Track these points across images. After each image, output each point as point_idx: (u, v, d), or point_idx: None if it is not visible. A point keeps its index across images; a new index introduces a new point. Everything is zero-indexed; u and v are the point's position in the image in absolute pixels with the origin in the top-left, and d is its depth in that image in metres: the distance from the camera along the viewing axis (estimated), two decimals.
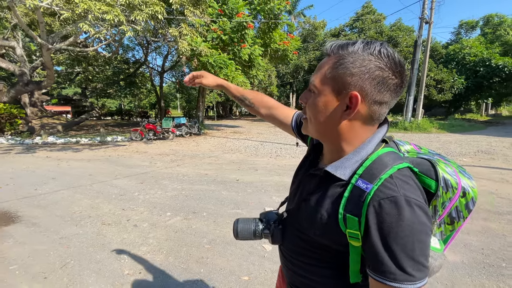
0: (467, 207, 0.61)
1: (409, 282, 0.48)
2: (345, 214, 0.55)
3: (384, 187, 0.52)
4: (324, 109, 0.58)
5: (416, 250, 0.49)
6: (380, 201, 0.51)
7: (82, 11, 6.07)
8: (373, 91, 0.55)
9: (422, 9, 14.04)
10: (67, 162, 7.15)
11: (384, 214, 0.50)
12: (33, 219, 3.41)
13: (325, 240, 0.60)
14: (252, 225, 0.78)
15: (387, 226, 0.50)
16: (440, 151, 8.00)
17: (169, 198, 4.20)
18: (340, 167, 0.59)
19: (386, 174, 0.53)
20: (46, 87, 12.43)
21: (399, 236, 0.49)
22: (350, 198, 0.55)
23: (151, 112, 34.01)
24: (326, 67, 0.58)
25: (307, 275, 0.67)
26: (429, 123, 15.34)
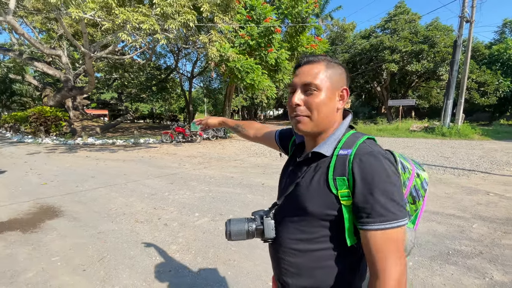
0: (423, 186, 0.77)
1: (396, 220, 0.60)
2: (335, 177, 0.67)
3: (361, 148, 0.67)
4: (327, 102, 0.71)
5: (394, 194, 0.61)
6: (360, 156, 0.65)
7: (121, 21, 6.52)
8: (347, 85, 0.74)
9: (462, 7, 13.11)
10: (104, 162, 7.65)
11: (365, 164, 0.63)
12: (74, 214, 3.68)
13: (321, 208, 0.68)
14: (245, 225, 0.79)
15: (370, 174, 0.62)
16: (484, 160, 7.34)
17: (197, 199, 4.30)
18: (323, 146, 0.72)
19: (360, 141, 0.69)
20: (87, 92, 13.47)
21: (380, 181, 0.61)
22: (336, 165, 0.68)
23: (180, 116, 35.34)
24: (320, 71, 0.71)
25: (307, 256, 0.73)
26: (471, 129, 14.15)
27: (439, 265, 2.34)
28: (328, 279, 0.71)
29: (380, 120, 21.82)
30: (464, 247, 2.64)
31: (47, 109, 13.75)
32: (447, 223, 3.24)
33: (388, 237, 0.60)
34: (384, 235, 0.60)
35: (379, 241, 0.60)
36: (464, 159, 7.55)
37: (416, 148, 9.67)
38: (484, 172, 5.91)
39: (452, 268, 2.28)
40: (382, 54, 21.14)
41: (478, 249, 2.59)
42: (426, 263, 2.37)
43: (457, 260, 2.41)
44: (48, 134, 13.78)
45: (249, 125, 1.22)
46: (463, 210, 3.64)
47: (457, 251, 2.56)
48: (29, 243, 2.88)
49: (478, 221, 3.26)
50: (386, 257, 0.59)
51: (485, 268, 2.27)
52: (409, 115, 27.47)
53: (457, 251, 2.56)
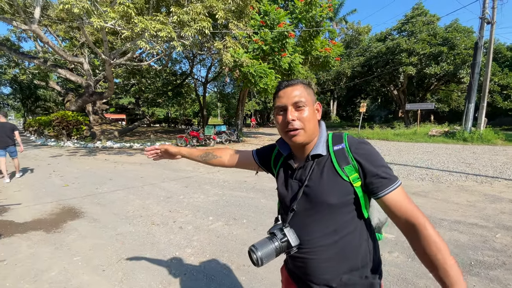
0: None
1: (397, 180, 0.79)
2: (342, 168, 0.82)
3: (350, 140, 0.86)
4: (313, 115, 0.88)
5: (385, 163, 0.82)
6: (355, 146, 0.84)
7: (140, 30, 6.78)
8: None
9: (482, 9, 12.65)
10: (122, 165, 7.89)
11: (361, 151, 0.82)
12: (94, 215, 3.82)
13: (341, 196, 0.81)
14: (271, 245, 0.81)
15: (369, 156, 0.81)
16: (508, 167, 6.99)
17: (211, 202, 4.35)
18: (317, 148, 0.87)
19: (344, 136, 0.88)
20: (107, 98, 13.98)
21: (376, 158, 0.81)
22: (338, 158, 0.83)
23: (194, 120, 35.94)
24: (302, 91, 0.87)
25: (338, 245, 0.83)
26: (494, 133, 13.50)
27: None
28: (359, 254, 0.83)
29: (397, 124, 21.24)
30: (487, 258, 2.52)
31: (69, 113, 14.38)
32: (469, 232, 3.10)
33: (402, 192, 0.78)
34: (399, 192, 0.78)
35: (399, 198, 0.77)
36: (487, 165, 7.22)
37: (436, 154, 9.34)
38: (509, 180, 5.62)
39: (474, 280, 2.19)
40: (399, 57, 20.68)
41: (501, 260, 2.46)
42: None
43: (480, 271, 2.31)
44: (70, 137, 14.39)
45: (222, 152, 1.23)
46: (486, 219, 3.48)
47: (480, 262, 2.45)
48: (52, 243, 3.01)
49: (501, 230, 3.11)
50: (412, 209, 0.75)
51: (508, 279, 2.15)
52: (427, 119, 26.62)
53: (479, 262, 2.45)
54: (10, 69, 19.66)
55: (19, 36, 16.20)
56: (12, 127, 6.13)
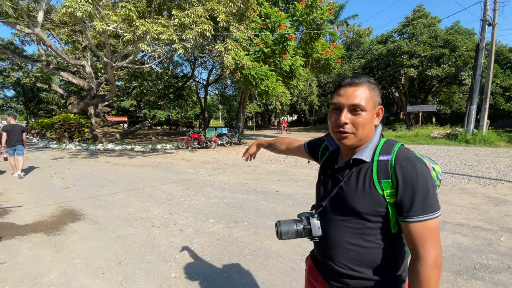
0: (438, 177, 0.91)
1: (432, 213, 0.74)
2: (380, 181, 0.79)
3: (399, 154, 0.80)
4: (370, 120, 0.84)
5: (430, 191, 0.75)
6: (400, 162, 0.78)
7: (142, 32, 6.81)
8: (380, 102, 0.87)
9: (484, 10, 12.65)
10: (123, 167, 7.90)
11: (406, 169, 0.76)
12: (95, 218, 3.81)
13: (372, 207, 0.80)
14: (293, 225, 0.90)
15: (410, 177, 0.75)
16: (511, 169, 6.94)
17: (211, 205, 4.33)
18: (363, 153, 0.84)
19: (396, 147, 0.83)
20: (108, 100, 14.06)
21: (418, 182, 0.75)
22: (379, 170, 0.80)
23: (196, 122, 36.01)
24: (365, 93, 0.82)
25: (359, 248, 0.83)
26: (496, 135, 13.42)
27: (464, 280, 2.21)
28: (376, 265, 0.83)
29: (398, 126, 21.17)
30: (491, 261, 2.48)
31: (71, 116, 14.45)
32: (473, 235, 3.07)
33: (427, 226, 0.74)
34: (424, 225, 0.74)
35: (420, 231, 0.74)
36: (490, 167, 7.17)
37: (438, 156, 9.29)
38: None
39: (478, 284, 2.15)
40: (400, 59, 20.65)
41: (506, 264, 2.43)
42: (451, 278, 2.25)
43: (484, 275, 2.27)
44: (72, 140, 14.44)
45: (281, 141, 1.37)
46: (490, 222, 3.44)
47: (484, 266, 2.42)
48: (52, 245, 3.00)
49: (506, 233, 3.07)
50: (426, 243, 0.73)
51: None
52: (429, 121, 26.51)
53: (483, 266, 2.42)
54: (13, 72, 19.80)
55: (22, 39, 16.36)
56: (22, 129, 6.84)
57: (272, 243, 2.98)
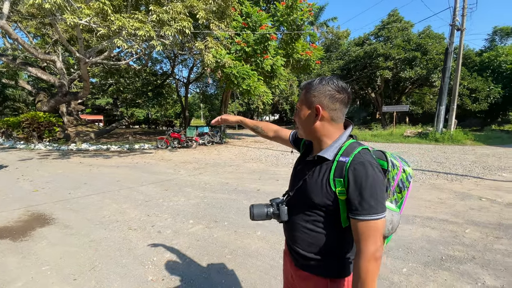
0: (407, 179, 0.99)
1: (374, 213, 0.82)
2: (335, 178, 0.88)
3: (355, 157, 0.87)
4: (307, 118, 0.96)
5: (378, 194, 0.84)
6: (354, 165, 0.85)
7: (117, 28, 6.53)
8: (328, 103, 0.93)
9: (453, 16, 13.45)
10: (98, 168, 7.56)
11: (357, 172, 0.84)
12: (66, 222, 3.62)
13: (324, 200, 0.90)
14: (264, 209, 1.04)
15: (359, 179, 0.83)
16: (476, 165, 7.44)
17: (191, 205, 4.27)
18: (326, 152, 0.93)
19: (356, 151, 0.89)
20: (82, 98, 13.40)
21: (366, 185, 0.83)
22: (336, 169, 0.89)
23: (176, 121, 35.25)
24: (302, 95, 0.98)
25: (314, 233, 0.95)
26: (463, 134, 14.35)
27: (432, 271, 2.34)
28: (324, 249, 0.94)
29: (374, 125, 22.02)
30: (457, 253, 2.65)
31: (41, 114, 13.59)
32: (440, 228, 3.26)
33: (369, 226, 0.82)
34: (367, 224, 0.82)
35: (363, 228, 0.83)
36: (457, 164, 7.64)
37: (410, 154, 9.77)
38: (477, 177, 5.98)
39: (445, 274, 2.29)
40: (376, 61, 21.46)
41: (470, 254, 2.60)
42: (420, 269, 2.38)
43: (450, 265, 2.43)
44: (41, 139, 13.60)
45: (268, 127, 1.42)
46: (456, 215, 3.67)
47: (450, 257, 2.58)
48: (19, 251, 2.81)
49: (470, 226, 3.29)
50: (366, 239, 0.82)
51: (478, 273, 2.28)
52: (403, 120, 27.78)
53: (450, 257, 2.58)
54: None
55: None
56: None
57: (252, 241, 2.99)
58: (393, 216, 0.96)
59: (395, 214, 0.97)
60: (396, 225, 0.98)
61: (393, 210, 0.96)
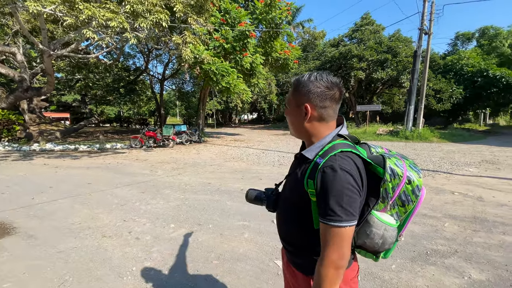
0: (413, 193, 0.86)
1: (338, 221, 0.76)
2: (308, 179, 0.85)
3: (328, 160, 0.82)
4: (295, 117, 0.94)
5: (344, 200, 0.77)
6: (324, 168, 0.81)
7: (86, 17, 6.01)
8: (317, 101, 0.89)
9: (421, 20, 14.23)
10: (65, 169, 6.98)
11: (325, 176, 0.80)
12: (30, 231, 3.24)
13: (298, 198, 0.89)
14: (256, 193, 1.13)
15: (325, 184, 0.79)
16: (445, 161, 7.92)
17: (172, 208, 4.04)
18: (309, 151, 0.91)
19: (333, 153, 0.83)
20: (46, 94, 12.33)
21: (333, 190, 0.77)
22: (311, 169, 0.85)
23: (150, 119, 33.91)
24: (290, 93, 0.95)
25: (291, 228, 0.96)
26: (430, 132, 15.31)
27: (420, 266, 2.38)
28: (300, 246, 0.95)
29: (349, 124, 22.77)
30: (440, 247, 2.73)
31: None
32: (421, 223, 3.36)
33: (332, 232, 0.77)
34: (330, 230, 0.78)
35: (326, 233, 0.79)
36: (427, 160, 8.08)
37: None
38: (447, 173, 6.34)
39: (432, 269, 2.34)
40: (350, 62, 22.18)
41: (453, 248, 2.69)
42: (408, 265, 2.40)
43: (436, 260, 2.48)
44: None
45: None
46: (434, 210, 3.83)
47: (435, 251, 2.65)
48: None
49: (448, 220, 3.44)
50: (329, 245, 0.78)
51: (463, 267, 2.35)
52: (374, 119, 29.05)
53: (434, 251, 2.65)
54: None
55: None
56: None
57: (239, 244, 2.87)
58: (386, 230, 0.86)
59: (389, 229, 0.87)
60: (389, 240, 0.88)
61: (387, 223, 0.86)
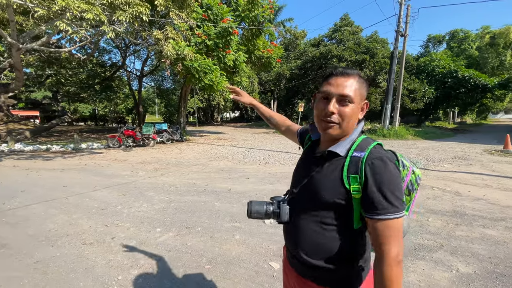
0: (416, 181, 0.95)
1: (397, 212, 0.74)
2: (349, 175, 0.80)
3: (372, 152, 0.80)
4: (356, 113, 0.86)
5: (397, 190, 0.76)
6: (372, 160, 0.78)
7: (59, 8, 5.59)
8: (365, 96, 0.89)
9: (398, 23, 14.79)
10: (37, 172, 6.50)
11: (375, 167, 0.77)
12: (2, 240, 2.96)
13: (335, 199, 0.81)
14: (264, 206, 0.95)
15: (378, 175, 0.76)
16: (421, 158, 8.30)
17: (156, 211, 3.88)
18: (338, 147, 0.85)
19: (371, 145, 0.83)
20: (14, 90, 11.45)
21: (386, 181, 0.76)
22: (350, 165, 0.81)
23: (128, 118, 32.64)
24: (354, 85, 0.83)
25: (320, 236, 0.86)
26: (405, 130, 16.01)
27: (410, 262, 2.45)
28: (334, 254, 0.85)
29: None
30: (427, 241, 2.83)
31: None
32: (406, 218, 3.46)
33: (390, 225, 0.75)
34: (387, 223, 0.75)
35: (384, 229, 0.75)
36: (405, 157, 8.42)
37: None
38: (424, 169, 6.64)
39: (422, 264, 2.41)
40: (331, 62, 22.67)
41: (439, 242, 2.80)
42: None
43: (424, 254, 2.57)
44: None
45: (282, 120, 1.37)
46: (417, 205, 3.97)
47: (422, 246, 2.74)
48: None
49: (431, 215, 3.58)
50: (388, 241, 0.74)
51: (450, 260, 2.44)
52: None
53: (422, 246, 2.74)
54: None
55: None
56: None
57: (231, 247, 2.80)
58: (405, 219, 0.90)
59: (405, 218, 0.91)
60: (406, 229, 0.93)
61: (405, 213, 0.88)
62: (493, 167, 6.73)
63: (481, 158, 8.09)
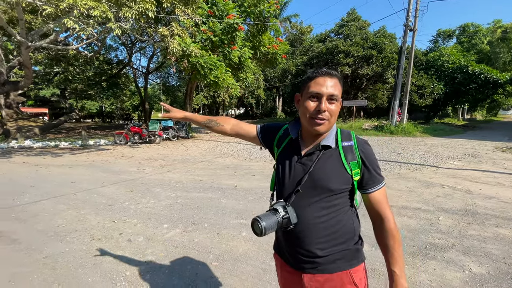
0: None
1: (383, 181, 0.97)
2: (349, 162, 0.93)
3: (358, 140, 0.97)
4: (339, 109, 0.95)
5: (379, 165, 0.98)
6: (362, 146, 0.96)
7: (67, 6, 5.61)
8: None
9: (406, 17, 14.48)
10: (46, 168, 6.60)
11: (366, 151, 0.96)
12: (12, 235, 3.01)
13: (343, 184, 0.93)
14: (274, 217, 0.90)
15: (370, 156, 0.96)
16: (430, 155, 8.14)
17: (163, 207, 3.89)
18: (328, 140, 0.96)
19: (352, 134, 0.99)
20: (23, 88, 11.63)
21: (374, 160, 0.96)
22: (345, 153, 0.94)
23: (134, 114, 32.93)
24: (338, 85, 0.93)
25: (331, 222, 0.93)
26: (413, 127, 15.75)
27: (421, 261, 2.39)
28: (346, 231, 0.96)
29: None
30: (438, 240, 2.77)
31: None
32: (416, 216, 3.41)
33: (384, 192, 0.96)
34: (382, 191, 0.96)
35: (381, 196, 0.95)
36: (413, 154, 8.28)
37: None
38: (433, 166, 6.52)
39: (433, 263, 2.36)
40: (337, 58, 22.34)
41: (450, 242, 2.74)
42: (409, 260, 2.41)
43: (435, 254, 2.51)
44: None
45: (225, 121, 1.25)
46: (426, 203, 3.90)
47: (433, 245, 2.68)
48: None
49: (442, 213, 3.50)
50: (386, 205, 0.95)
51: (462, 260, 2.38)
52: (358, 114, 29.64)
53: (433, 245, 2.68)
54: None
55: None
56: None
57: (238, 244, 2.78)
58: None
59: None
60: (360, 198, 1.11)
61: None
62: (505, 165, 6.56)
63: (493, 156, 7.90)
